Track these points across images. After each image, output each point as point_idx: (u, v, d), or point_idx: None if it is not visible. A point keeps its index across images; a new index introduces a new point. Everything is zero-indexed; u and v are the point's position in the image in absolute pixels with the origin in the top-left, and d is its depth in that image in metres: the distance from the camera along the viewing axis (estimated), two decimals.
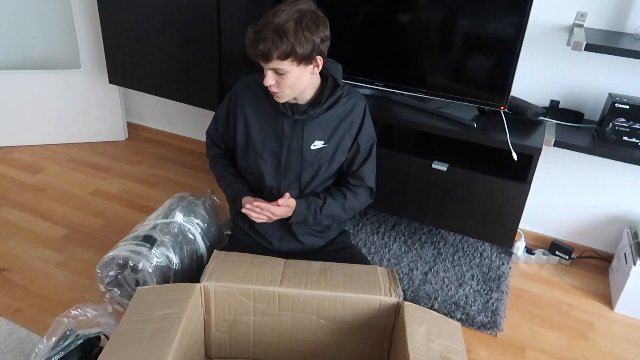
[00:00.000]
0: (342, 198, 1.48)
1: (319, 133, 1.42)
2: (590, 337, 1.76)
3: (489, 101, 1.80)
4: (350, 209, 1.51)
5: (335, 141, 1.44)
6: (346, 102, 1.42)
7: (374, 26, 1.88)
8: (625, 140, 1.74)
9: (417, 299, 1.84)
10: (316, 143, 1.43)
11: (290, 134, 1.41)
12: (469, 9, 1.73)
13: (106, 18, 2.32)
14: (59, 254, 1.96)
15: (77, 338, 1.33)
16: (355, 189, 1.50)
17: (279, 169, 1.45)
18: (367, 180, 1.51)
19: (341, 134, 1.43)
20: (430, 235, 2.20)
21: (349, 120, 1.43)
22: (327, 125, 1.42)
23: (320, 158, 1.44)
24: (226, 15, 2.07)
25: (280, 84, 1.30)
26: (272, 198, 1.45)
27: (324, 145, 1.43)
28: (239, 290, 1.29)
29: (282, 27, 1.21)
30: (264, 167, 1.45)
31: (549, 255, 2.11)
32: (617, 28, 1.78)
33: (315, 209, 1.45)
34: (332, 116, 1.42)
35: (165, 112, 2.93)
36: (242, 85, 1.47)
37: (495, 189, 1.78)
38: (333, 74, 1.40)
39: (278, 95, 1.34)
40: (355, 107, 1.44)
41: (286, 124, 1.41)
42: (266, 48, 1.22)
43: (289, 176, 1.46)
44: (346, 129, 1.43)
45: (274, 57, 1.23)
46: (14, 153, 2.69)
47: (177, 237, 1.60)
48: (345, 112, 1.43)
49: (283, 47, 1.22)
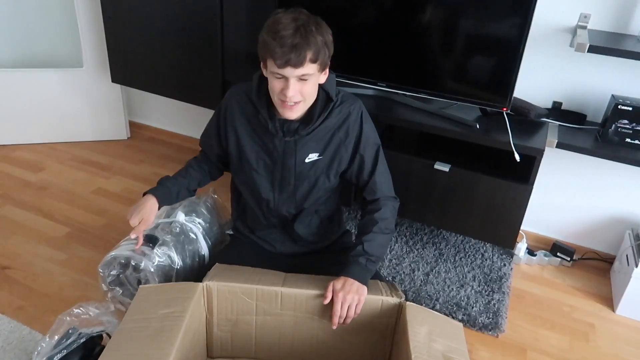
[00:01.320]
0: (372, 225, 1.36)
1: (312, 146, 1.37)
2: (592, 339, 1.76)
3: (491, 102, 1.80)
4: (385, 228, 1.38)
5: (330, 152, 1.38)
6: (339, 111, 1.36)
7: (376, 27, 1.88)
8: (628, 142, 1.73)
9: (418, 299, 1.84)
10: (310, 156, 1.37)
11: (283, 150, 1.36)
12: (472, 10, 1.73)
13: (109, 17, 2.32)
14: (61, 252, 1.96)
15: (80, 337, 1.33)
16: (374, 206, 1.40)
17: (274, 183, 1.42)
18: (380, 189, 1.41)
19: (336, 144, 1.37)
20: (431, 236, 2.20)
21: (344, 129, 1.37)
22: (321, 138, 1.36)
23: (316, 170, 1.39)
24: (229, 14, 2.06)
25: (302, 93, 1.24)
26: (269, 211, 1.45)
27: (319, 158, 1.38)
28: (242, 289, 1.29)
29: (307, 28, 1.17)
30: (260, 180, 1.41)
31: (550, 257, 2.11)
32: (621, 30, 1.78)
33: (365, 258, 1.32)
34: (325, 128, 1.35)
35: (168, 111, 2.94)
36: (230, 98, 1.41)
37: (498, 190, 1.78)
38: (325, 86, 1.34)
39: (295, 109, 1.26)
40: (350, 115, 1.37)
41: (278, 142, 1.36)
42: (301, 52, 1.16)
43: (285, 190, 1.42)
44: (341, 138, 1.37)
45: (307, 61, 1.18)
46: (16, 151, 2.69)
47: (179, 237, 1.60)
48: (339, 121, 1.36)
49: (315, 48, 1.17)
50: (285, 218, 1.48)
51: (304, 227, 1.49)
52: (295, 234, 1.50)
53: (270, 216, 1.48)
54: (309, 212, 1.47)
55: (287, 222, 1.49)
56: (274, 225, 1.51)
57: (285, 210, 1.45)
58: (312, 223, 1.50)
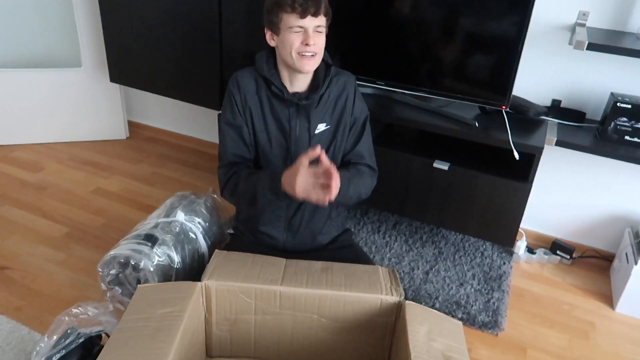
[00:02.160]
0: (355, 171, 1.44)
1: (320, 117, 1.44)
2: (592, 337, 1.75)
3: (490, 100, 1.80)
4: (362, 185, 1.43)
5: (335, 120, 1.46)
6: (337, 80, 1.45)
7: (375, 25, 1.87)
8: (627, 139, 1.73)
9: (418, 298, 1.83)
10: (319, 127, 1.44)
11: (296, 123, 1.42)
12: (471, 8, 1.73)
13: (107, 16, 2.31)
14: (60, 252, 1.96)
15: (79, 337, 1.33)
16: (360, 167, 1.47)
17: (287, 159, 1.45)
18: (366, 157, 1.48)
19: (339, 112, 1.46)
20: (431, 235, 2.20)
21: (344, 97, 1.46)
22: (328, 107, 1.44)
23: (326, 141, 1.46)
24: (228, 13, 2.06)
25: (318, 44, 1.32)
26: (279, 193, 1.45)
27: (327, 127, 1.45)
28: (240, 288, 1.29)
29: None
30: (273, 157, 1.45)
31: (550, 255, 2.11)
32: (620, 27, 1.78)
33: (348, 178, 1.36)
34: (328, 97, 1.44)
35: (167, 111, 2.93)
36: (237, 80, 1.42)
37: (497, 188, 1.78)
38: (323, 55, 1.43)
39: (313, 61, 1.33)
40: (346, 84, 1.46)
41: (290, 114, 1.42)
42: (318, 2, 1.26)
43: None
44: (342, 106, 1.46)
45: (322, 9, 1.28)
46: (15, 151, 2.69)
47: (178, 236, 1.60)
48: (339, 90, 1.45)
49: (326, 1, 1.29)
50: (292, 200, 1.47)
51: (310, 209, 1.50)
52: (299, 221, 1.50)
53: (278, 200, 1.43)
54: None
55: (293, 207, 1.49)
56: (278, 215, 1.50)
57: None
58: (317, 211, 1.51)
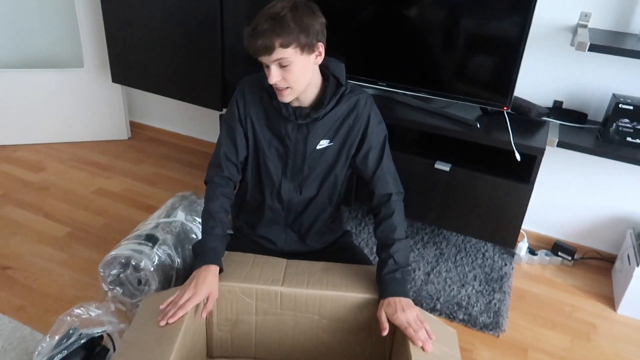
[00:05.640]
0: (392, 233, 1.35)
1: (323, 133, 1.41)
2: (593, 338, 1.75)
3: (492, 101, 1.80)
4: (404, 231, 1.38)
5: (340, 138, 1.42)
6: (348, 99, 1.41)
7: (376, 26, 1.87)
8: (629, 140, 1.73)
9: (419, 299, 1.83)
10: (322, 142, 1.41)
11: (296, 138, 1.40)
12: (473, 9, 1.73)
13: (109, 17, 2.32)
14: (62, 252, 1.96)
15: (81, 337, 1.33)
16: (386, 210, 1.38)
17: (286, 171, 1.44)
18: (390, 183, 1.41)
19: (346, 130, 1.41)
20: (432, 236, 2.20)
21: (353, 116, 1.41)
22: (332, 124, 1.41)
23: (327, 158, 1.43)
24: (229, 14, 2.07)
25: (287, 79, 1.27)
26: (277, 197, 1.45)
27: (330, 144, 1.42)
28: (241, 289, 1.29)
29: (278, 15, 1.20)
30: (272, 168, 1.43)
31: (551, 256, 2.11)
32: (621, 28, 1.78)
33: (400, 272, 1.30)
34: (335, 115, 1.40)
35: (168, 111, 2.94)
36: (244, 87, 1.44)
37: (498, 189, 1.78)
38: (335, 72, 1.38)
39: (284, 94, 1.30)
40: (358, 102, 1.41)
41: (290, 128, 1.39)
42: (268, 38, 1.19)
43: (296, 178, 1.44)
44: (350, 125, 1.41)
45: (276, 46, 1.20)
46: (17, 152, 2.70)
47: (179, 236, 1.60)
48: (349, 108, 1.41)
49: (284, 33, 1.19)
50: (291, 209, 1.48)
51: (308, 219, 1.50)
52: (298, 228, 1.50)
53: (277, 208, 1.47)
54: (316, 203, 1.48)
55: (292, 215, 1.49)
56: (277, 221, 1.50)
57: (294, 200, 1.46)
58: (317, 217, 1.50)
